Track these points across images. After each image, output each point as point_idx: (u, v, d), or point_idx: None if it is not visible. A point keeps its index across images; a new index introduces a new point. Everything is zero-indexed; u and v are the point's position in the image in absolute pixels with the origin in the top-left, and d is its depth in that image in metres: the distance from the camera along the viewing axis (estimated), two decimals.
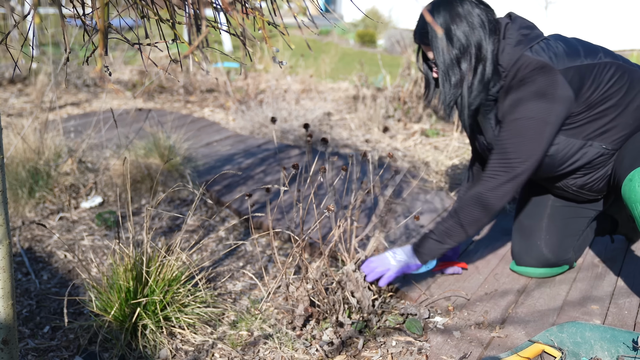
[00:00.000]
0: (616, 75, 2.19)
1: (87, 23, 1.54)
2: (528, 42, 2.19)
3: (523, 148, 2.17)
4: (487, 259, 2.80)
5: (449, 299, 2.48)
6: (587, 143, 2.23)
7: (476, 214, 2.26)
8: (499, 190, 2.21)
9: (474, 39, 2.18)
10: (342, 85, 7.18)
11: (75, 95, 6.55)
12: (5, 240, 1.52)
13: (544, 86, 2.12)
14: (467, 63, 2.20)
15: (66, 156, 3.72)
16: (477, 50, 2.19)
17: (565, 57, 2.15)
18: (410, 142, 4.76)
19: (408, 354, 2.13)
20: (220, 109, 6.14)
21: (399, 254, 2.37)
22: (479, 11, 2.20)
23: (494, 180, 2.22)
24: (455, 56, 2.20)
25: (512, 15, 2.30)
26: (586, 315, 2.32)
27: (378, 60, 8.62)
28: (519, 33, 2.22)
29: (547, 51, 2.16)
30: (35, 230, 3.24)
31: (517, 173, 2.19)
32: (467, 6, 2.19)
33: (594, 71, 2.17)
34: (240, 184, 3.79)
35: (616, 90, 2.18)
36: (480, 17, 2.19)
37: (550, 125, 2.14)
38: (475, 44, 2.19)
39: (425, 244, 2.37)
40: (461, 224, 2.28)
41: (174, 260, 2.31)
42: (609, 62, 2.20)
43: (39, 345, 2.26)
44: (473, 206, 2.26)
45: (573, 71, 2.13)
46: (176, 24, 1.52)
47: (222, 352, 2.18)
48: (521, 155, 2.17)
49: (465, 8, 2.19)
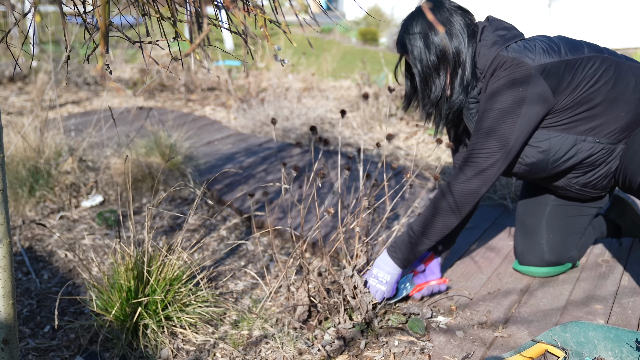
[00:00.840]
0: (601, 68, 2.17)
1: (88, 21, 1.53)
2: (504, 42, 2.20)
3: (490, 142, 2.14)
4: (490, 259, 2.79)
5: (451, 298, 2.47)
6: (580, 138, 2.21)
7: (444, 207, 2.22)
8: (467, 185, 2.17)
9: (453, 45, 2.20)
10: (344, 83, 7.16)
11: (76, 94, 6.54)
12: (5, 239, 1.52)
13: (515, 81, 2.11)
14: (444, 70, 2.23)
15: (67, 155, 3.71)
16: (455, 57, 2.21)
17: (542, 54, 2.15)
18: (413, 141, 4.74)
19: (410, 354, 2.12)
20: (221, 107, 6.13)
21: (381, 274, 2.33)
22: (458, 17, 2.22)
23: (461, 174, 2.19)
24: (433, 63, 2.22)
25: (490, 18, 2.31)
26: (590, 315, 2.31)
27: (380, 59, 8.60)
28: (495, 34, 2.22)
29: (524, 50, 2.16)
30: (35, 229, 3.23)
31: (482, 167, 2.15)
32: (446, 13, 2.22)
33: (576, 66, 2.16)
34: (242, 182, 3.78)
35: (603, 83, 2.17)
36: (459, 23, 2.21)
37: (520, 120, 2.12)
38: (454, 50, 2.20)
39: (399, 245, 2.32)
40: (428, 218, 2.25)
41: (175, 259, 2.31)
42: (593, 57, 2.19)
43: (39, 345, 2.26)
44: (440, 199, 2.23)
45: (550, 67, 2.12)
46: (177, 22, 1.51)
47: (223, 352, 2.17)
48: (488, 149, 2.15)
49: (443, 15, 2.21)
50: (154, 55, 7.00)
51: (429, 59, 2.21)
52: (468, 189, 2.17)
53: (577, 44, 2.23)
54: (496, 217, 3.21)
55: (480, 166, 2.15)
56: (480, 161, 2.15)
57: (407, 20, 2.28)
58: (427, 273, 2.52)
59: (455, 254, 2.83)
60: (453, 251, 2.83)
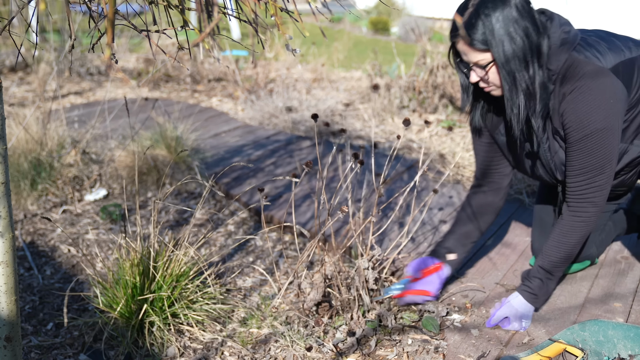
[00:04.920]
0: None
1: (93, 9, 1.48)
2: (572, 41, 2.00)
3: (604, 163, 2.01)
4: (506, 255, 2.73)
5: (466, 295, 2.42)
6: (632, 143, 2.12)
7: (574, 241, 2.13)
8: (589, 220, 2.08)
9: (534, 39, 1.92)
10: (355, 74, 7.07)
11: (79, 84, 6.50)
12: (8, 233, 1.50)
13: (602, 91, 1.95)
14: (531, 67, 1.94)
15: (70, 147, 3.66)
16: (538, 54, 1.94)
17: (609, 53, 2.01)
18: (426, 133, 4.67)
19: (424, 353, 2.08)
20: (228, 98, 6.07)
21: (524, 317, 2.22)
22: (529, 8, 1.94)
23: (579, 204, 2.09)
24: (523, 58, 1.92)
25: (546, 11, 2.06)
26: (608, 313, 2.26)
27: (392, 49, 8.52)
28: (561, 31, 2.00)
29: (590, 49, 2.01)
30: (37, 223, 3.19)
31: (596, 202, 2.05)
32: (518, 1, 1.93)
33: (636, 64, 2.04)
34: (250, 176, 3.73)
35: None
36: (532, 14, 1.94)
37: (618, 129, 2.00)
38: (535, 45, 1.93)
39: (544, 293, 2.22)
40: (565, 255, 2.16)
41: (182, 255, 2.27)
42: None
43: (42, 342, 2.23)
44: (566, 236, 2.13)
45: (621, 67, 2.00)
46: (185, 10, 1.45)
47: (232, 351, 2.14)
48: (602, 170, 2.02)
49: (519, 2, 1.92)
50: (159, 44, 6.94)
51: (518, 56, 1.92)
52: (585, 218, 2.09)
53: (627, 40, 2.10)
54: (512, 212, 3.15)
55: (595, 200, 2.06)
56: (594, 196, 2.05)
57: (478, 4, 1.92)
58: (423, 282, 2.34)
59: (470, 251, 2.76)
60: None
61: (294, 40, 8.12)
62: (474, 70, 2.01)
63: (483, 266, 2.64)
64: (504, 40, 1.89)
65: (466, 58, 1.99)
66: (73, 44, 1.39)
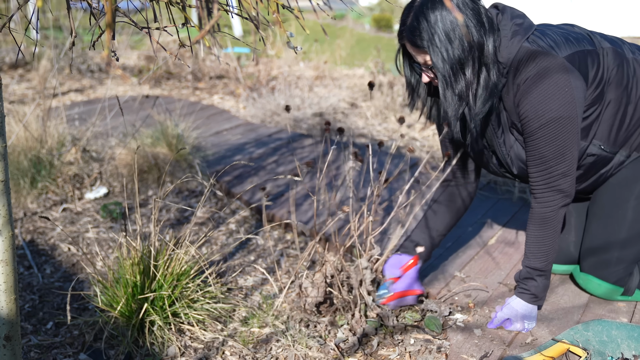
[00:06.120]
0: (616, 62, 2.05)
1: (93, 6, 1.47)
2: (524, 32, 1.98)
3: (564, 151, 1.99)
4: (509, 254, 2.71)
5: (469, 295, 2.40)
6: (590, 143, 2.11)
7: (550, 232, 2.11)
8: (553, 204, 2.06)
9: (475, 39, 1.91)
10: (357, 71, 7.02)
11: (79, 82, 6.48)
12: (7, 232, 1.50)
13: (556, 79, 1.93)
14: (470, 68, 1.93)
15: (70, 145, 3.65)
16: (479, 53, 1.93)
17: (565, 44, 1.99)
18: (429, 131, 4.66)
19: (427, 353, 2.07)
20: (230, 96, 6.06)
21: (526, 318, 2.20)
22: (473, 5, 1.93)
23: (544, 194, 2.07)
24: (458, 60, 1.91)
25: (499, 5, 2.06)
26: (612, 313, 2.26)
27: (395, 46, 8.48)
28: (513, 23, 2.00)
29: (545, 38, 1.99)
30: (37, 222, 3.18)
31: (562, 188, 2.04)
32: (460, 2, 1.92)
33: (591, 57, 2.02)
34: (252, 174, 3.72)
35: (618, 79, 2.05)
36: (475, 10, 1.92)
37: (576, 118, 1.97)
38: (477, 45, 1.92)
39: (540, 291, 2.19)
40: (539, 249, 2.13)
41: (182, 253, 2.26)
42: (608, 48, 2.06)
43: (42, 341, 2.22)
44: (538, 228, 2.12)
45: (577, 57, 1.98)
46: (186, 7, 1.44)
47: (232, 350, 2.13)
48: (562, 159, 2.00)
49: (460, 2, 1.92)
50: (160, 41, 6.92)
51: (454, 56, 1.90)
52: (555, 206, 2.07)
53: (589, 33, 2.10)
54: (515, 211, 3.13)
55: (561, 187, 2.04)
56: (559, 184, 2.03)
57: (418, 5, 1.93)
58: (405, 279, 2.32)
59: (474, 250, 2.75)
60: (471, 247, 2.77)
61: (296, 37, 8.09)
62: (423, 70, 2.04)
63: (486, 265, 2.62)
64: (441, 42, 1.90)
65: (416, 59, 2.02)
66: (74, 41, 1.38)
